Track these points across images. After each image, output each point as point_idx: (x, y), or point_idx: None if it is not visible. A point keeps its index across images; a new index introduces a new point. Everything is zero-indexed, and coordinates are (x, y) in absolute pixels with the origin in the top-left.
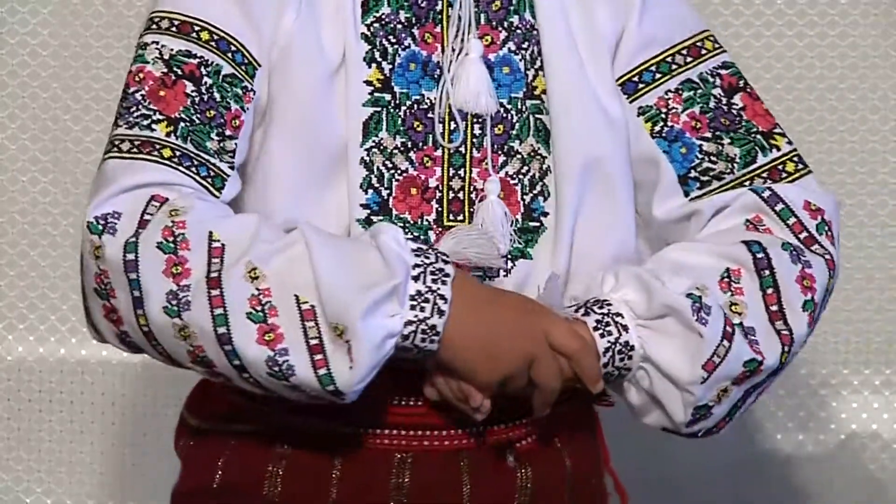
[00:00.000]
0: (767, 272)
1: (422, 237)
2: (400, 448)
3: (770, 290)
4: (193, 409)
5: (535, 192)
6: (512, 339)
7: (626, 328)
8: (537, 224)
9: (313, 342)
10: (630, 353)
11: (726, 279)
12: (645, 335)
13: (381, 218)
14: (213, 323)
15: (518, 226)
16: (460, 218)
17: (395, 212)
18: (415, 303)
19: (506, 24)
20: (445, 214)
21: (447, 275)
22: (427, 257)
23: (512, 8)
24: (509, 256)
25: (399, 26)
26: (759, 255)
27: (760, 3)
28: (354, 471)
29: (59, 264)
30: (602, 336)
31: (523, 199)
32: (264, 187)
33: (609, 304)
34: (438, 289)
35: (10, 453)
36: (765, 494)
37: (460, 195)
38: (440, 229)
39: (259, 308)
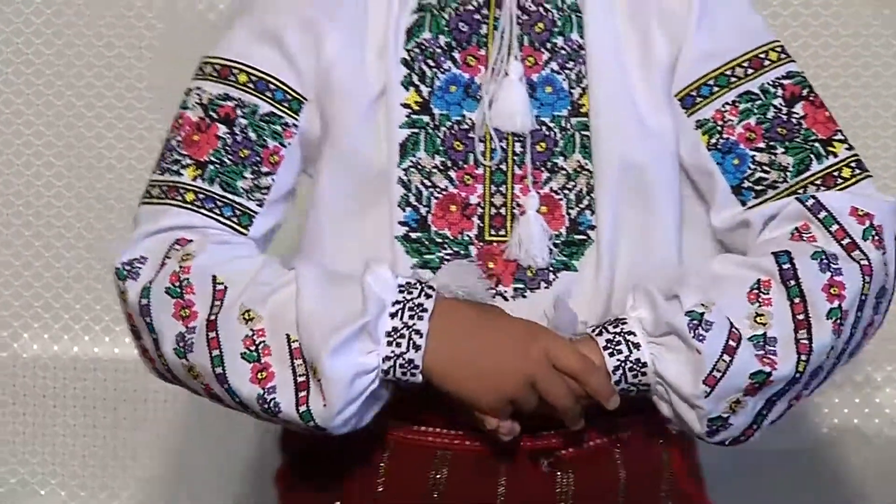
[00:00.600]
0: (793, 282)
1: (462, 252)
2: (441, 445)
3: (797, 300)
4: None
5: (581, 206)
6: (507, 361)
7: (637, 346)
8: (584, 237)
9: (300, 379)
10: (643, 370)
11: (756, 290)
12: (656, 352)
13: (419, 234)
14: (211, 364)
15: (563, 239)
16: (502, 233)
17: (433, 228)
18: (391, 339)
19: (549, 45)
20: (487, 230)
21: (425, 310)
22: (410, 293)
23: (556, 30)
24: (551, 269)
25: (438, 50)
26: (786, 266)
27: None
28: (397, 464)
29: (73, 265)
30: (611, 355)
31: (569, 213)
32: (316, 212)
33: (624, 323)
34: (414, 324)
35: (25, 447)
36: (745, 490)
37: (502, 211)
38: (482, 244)
39: (253, 348)
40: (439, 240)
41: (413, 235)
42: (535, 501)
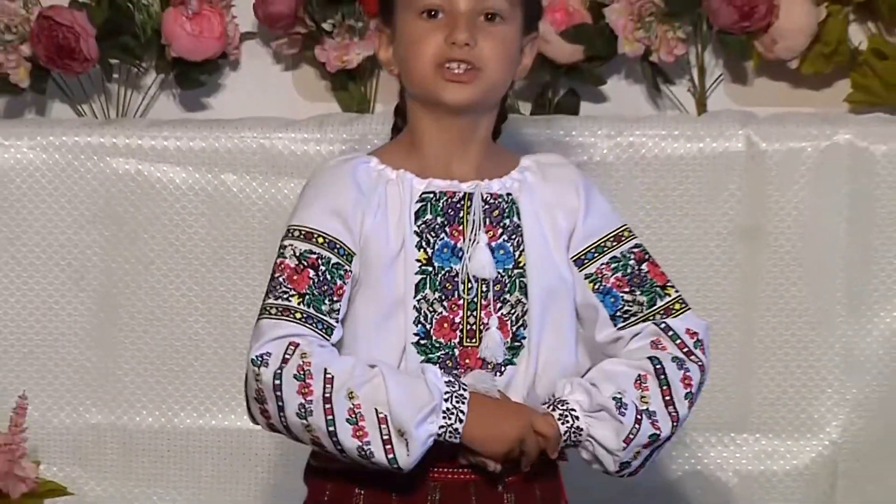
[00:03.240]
0: (663, 376)
1: (449, 353)
2: (434, 478)
3: (665, 387)
4: (314, 454)
5: (518, 324)
6: (511, 427)
7: (577, 418)
8: (520, 344)
9: (385, 437)
10: (580, 433)
11: (638, 381)
12: (589, 422)
13: (425, 341)
14: (325, 424)
15: (508, 345)
16: (473, 341)
17: (434, 337)
18: (445, 415)
19: (502, 224)
20: (465, 339)
21: (465, 398)
22: (453, 387)
23: (505, 215)
24: (503, 363)
25: (436, 226)
26: (658, 366)
27: None
28: (407, 490)
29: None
30: (563, 423)
31: (512, 329)
32: (353, 327)
33: (567, 403)
34: (460, 406)
35: (196, 485)
36: None
37: (474, 327)
38: (462, 348)
39: (353, 416)
40: (437, 345)
41: (421, 342)
42: None
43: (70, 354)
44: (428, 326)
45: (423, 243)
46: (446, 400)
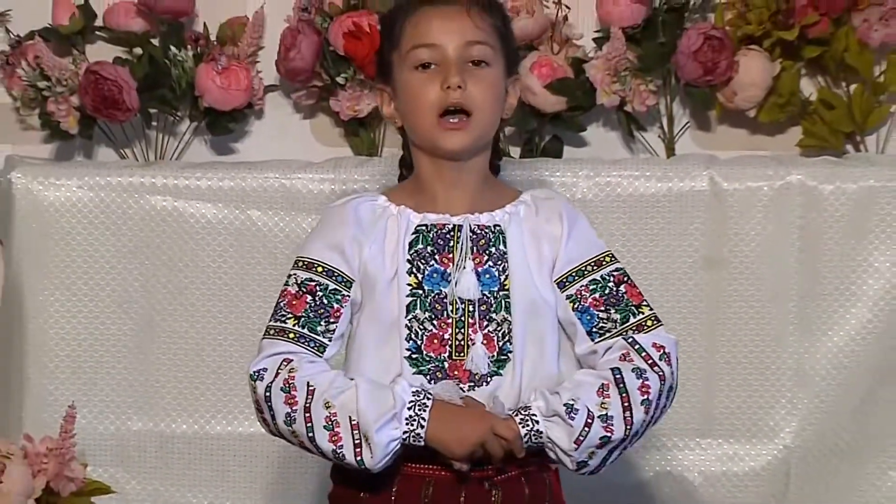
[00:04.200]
0: (622, 384)
1: (440, 365)
2: (428, 474)
3: (624, 394)
4: None
5: (505, 340)
6: (471, 431)
7: (537, 422)
8: (506, 358)
9: (356, 442)
10: (539, 436)
11: (601, 389)
12: (547, 425)
13: (417, 356)
14: (306, 431)
15: (494, 359)
16: (462, 355)
17: (424, 352)
18: (408, 421)
19: (488, 251)
20: (453, 353)
21: (427, 406)
22: (418, 396)
23: (491, 243)
24: (488, 375)
25: (427, 255)
26: (618, 376)
27: None
28: (404, 486)
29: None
30: (523, 427)
31: (498, 344)
32: (358, 345)
33: (529, 409)
34: (421, 414)
35: (229, 484)
36: None
37: (462, 343)
38: (451, 361)
39: (330, 423)
40: (428, 359)
41: (413, 356)
42: None
43: (114, 369)
44: (419, 343)
45: (414, 269)
46: (409, 408)
